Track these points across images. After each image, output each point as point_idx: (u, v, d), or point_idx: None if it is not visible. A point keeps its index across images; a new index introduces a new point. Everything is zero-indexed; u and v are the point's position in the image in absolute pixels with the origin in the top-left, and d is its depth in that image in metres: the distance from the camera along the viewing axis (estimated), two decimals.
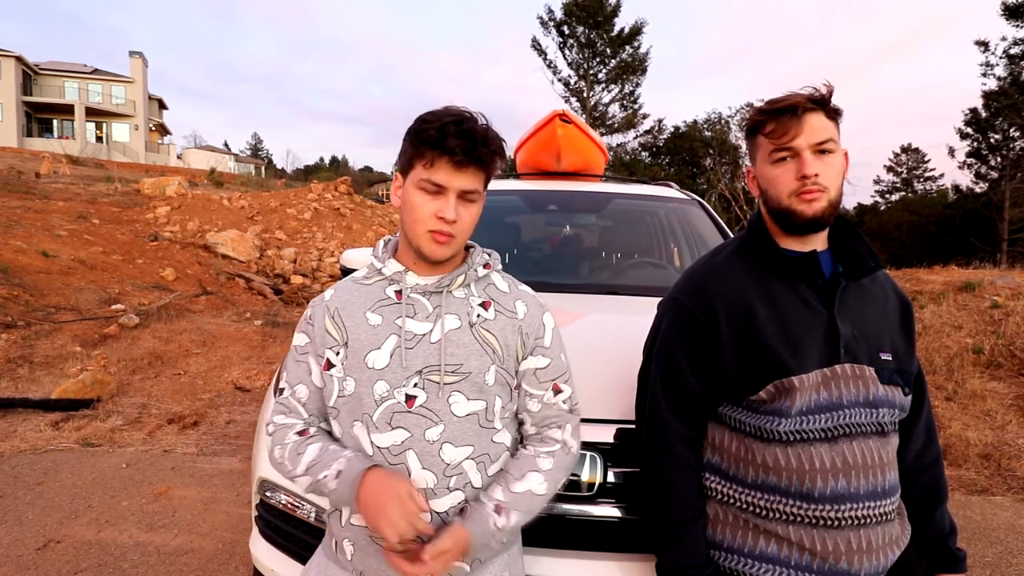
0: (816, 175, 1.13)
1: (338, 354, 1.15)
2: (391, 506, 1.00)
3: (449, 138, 1.06)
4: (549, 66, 31.64)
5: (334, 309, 1.18)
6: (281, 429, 1.19)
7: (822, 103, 1.16)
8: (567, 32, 31.00)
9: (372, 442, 1.11)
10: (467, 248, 1.24)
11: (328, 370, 1.15)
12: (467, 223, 1.13)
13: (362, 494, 1.04)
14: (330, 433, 1.21)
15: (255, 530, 1.73)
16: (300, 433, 1.17)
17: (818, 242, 1.22)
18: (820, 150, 1.14)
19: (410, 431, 1.10)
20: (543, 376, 1.21)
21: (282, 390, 1.23)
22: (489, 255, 1.25)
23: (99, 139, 41.73)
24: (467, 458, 1.12)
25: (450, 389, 1.11)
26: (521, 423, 1.24)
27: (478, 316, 1.16)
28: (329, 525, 1.21)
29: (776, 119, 1.16)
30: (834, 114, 1.17)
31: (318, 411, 1.21)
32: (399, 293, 1.16)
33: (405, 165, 1.14)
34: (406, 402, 1.10)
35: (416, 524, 1.00)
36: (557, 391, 1.22)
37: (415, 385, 1.11)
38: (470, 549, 1.06)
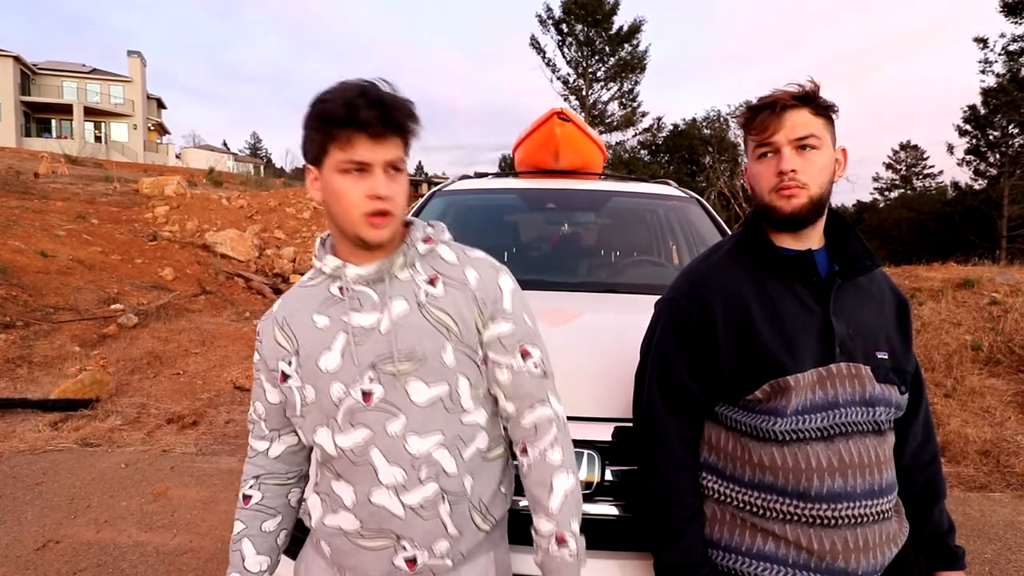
0: (794, 171, 1.13)
1: (291, 364, 1.10)
2: None
3: (359, 110, 0.97)
4: (548, 64, 31.62)
5: (282, 319, 1.13)
6: (249, 464, 1.23)
7: (806, 99, 1.15)
8: (566, 30, 30.94)
9: (336, 444, 1.07)
10: (406, 224, 1.15)
11: (284, 382, 1.11)
12: (400, 196, 1.05)
13: None
14: (278, 495, 1.22)
15: None
16: (245, 497, 1.21)
17: (814, 240, 1.22)
18: (801, 146, 1.14)
19: (371, 428, 1.05)
20: (508, 342, 1.11)
21: (252, 406, 1.23)
22: (432, 227, 1.16)
23: (98, 139, 41.65)
24: (436, 446, 1.06)
25: (406, 378, 1.05)
26: (495, 399, 1.16)
27: (426, 295, 1.08)
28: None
29: (757, 115, 1.17)
30: (823, 111, 1.16)
31: (279, 424, 1.19)
32: (343, 289, 1.09)
33: (317, 153, 1.04)
34: (363, 399, 1.05)
35: None
36: (526, 355, 1.12)
37: (370, 380, 1.05)
38: None
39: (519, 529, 1.30)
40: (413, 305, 1.08)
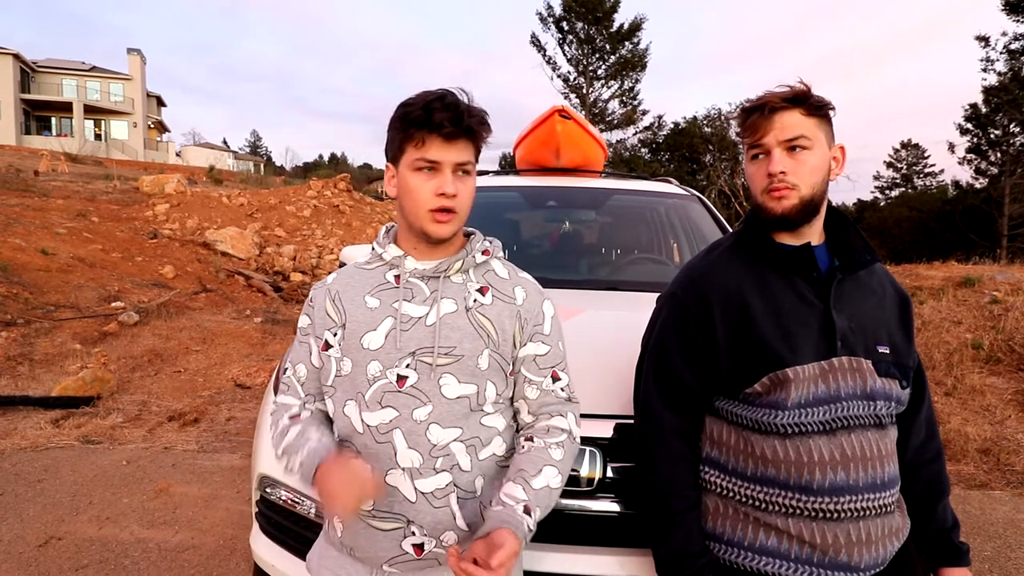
0: (783, 173, 1.14)
1: (336, 335, 1.17)
2: (338, 491, 1.02)
3: (435, 113, 1.07)
4: (548, 62, 31.56)
5: (335, 292, 1.21)
6: (279, 409, 1.24)
7: (796, 100, 1.16)
8: (566, 28, 30.89)
9: (363, 420, 1.13)
10: (467, 235, 1.26)
11: (326, 350, 1.18)
12: (466, 197, 1.14)
13: (317, 485, 1.07)
14: (326, 415, 1.24)
15: (255, 526, 1.73)
16: (292, 417, 1.21)
17: (813, 237, 1.23)
18: (791, 147, 1.15)
19: (398, 410, 1.11)
20: (543, 363, 1.21)
21: (286, 369, 1.26)
22: (490, 242, 1.26)
23: (98, 137, 41.64)
24: (455, 440, 1.12)
25: (442, 371, 1.12)
26: (516, 411, 1.25)
27: (474, 301, 1.17)
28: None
29: (748, 117, 1.18)
30: (816, 110, 1.17)
31: (315, 390, 1.24)
32: (398, 278, 1.18)
33: (396, 152, 1.15)
34: (397, 382, 1.12)
35: (361, 498, 1.04)
36: (556, 378, 1.23)
37: (407, 366, 1.12)
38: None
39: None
40: (461, 307, 1.16)
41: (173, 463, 3.83)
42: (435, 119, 1.07)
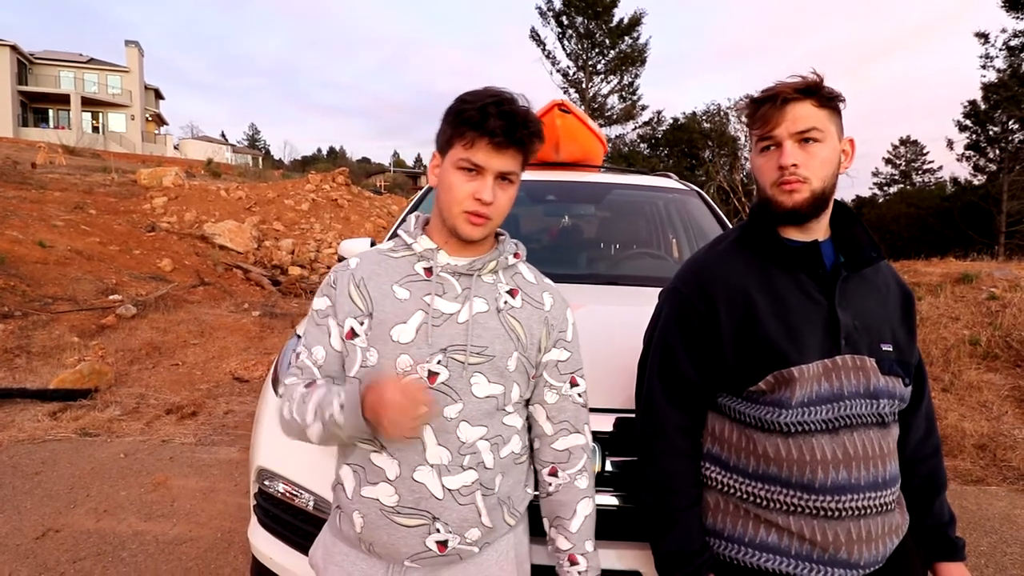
0: (795, 165, 1.12)
1: (362, 324, 1.13)
2: (391, 404, 0.98)
3: (490, 119, 1.05)
4: (548, 57, 31.45)
5: (360, 278, 1.16)
6: (291, 387, 1.16)
7: (808, 92, 1.13)
8: (566, 23, 30.78)
9: None
10: (497, 235, 1.25)
11: (351, 339, 1.14)
12: (503, 205, 1.13)
13: (369, 405, 1.01)
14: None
15: (253, 519, 1.73)
16: (307, 386, 1.14)
17: (819, 231, 1.21)
18: (803, 139, 1.13)
19: (429, 407, 1.10)
20: (563, 369, 1.23)
21: (299, 353, 1.19)
22: (517, 245, 1.27)
23: (95, 129, 41.38)
24: (481, 438, 1.13)
25: (473, 370, 1.12)
26: (532, 415, 1.25)
27: (505, 303, 1.17)
28: (335, 499, 1.21)
29: (759, 108, 1.16)
30: (827, 102, 1.15)
31: (335, 373, 1.17)
32: (428, 271, 1.16)
33: (444, 145, 1.13)
34: (428, 378, 1.10)
35: (417, 404, 0.98)
36: (574, 384, 1.24)
37: (438, 362, 1.11)
38: None
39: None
40: (492, 308, 1.16)
41: (171, 456, 3.82)
42: (488, 125, 1.05)
